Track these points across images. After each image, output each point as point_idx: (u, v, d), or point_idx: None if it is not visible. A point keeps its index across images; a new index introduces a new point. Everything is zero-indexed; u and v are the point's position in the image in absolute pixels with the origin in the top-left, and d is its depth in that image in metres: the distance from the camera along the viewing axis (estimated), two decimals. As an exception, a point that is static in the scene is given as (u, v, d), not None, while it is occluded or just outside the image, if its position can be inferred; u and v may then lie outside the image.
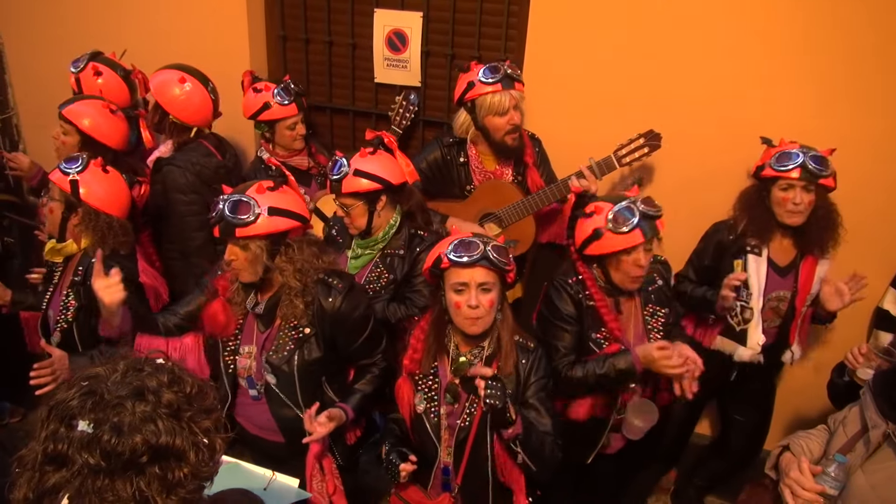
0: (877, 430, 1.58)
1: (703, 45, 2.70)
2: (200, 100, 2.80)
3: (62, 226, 2.28)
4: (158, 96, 2.77)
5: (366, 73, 3.35)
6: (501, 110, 2.58)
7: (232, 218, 1.92)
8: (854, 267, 2.70)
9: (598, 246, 2.09)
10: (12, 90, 3.95)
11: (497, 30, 3.07)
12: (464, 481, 2.02)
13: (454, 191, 2.82)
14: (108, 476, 0.97)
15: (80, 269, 2.29)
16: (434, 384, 2.00)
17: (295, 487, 2.01)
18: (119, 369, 1.06)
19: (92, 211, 2.24)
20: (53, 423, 0.99)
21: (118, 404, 1.00)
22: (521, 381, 1.98)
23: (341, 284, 2.04)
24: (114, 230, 2.27)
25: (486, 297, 1.86)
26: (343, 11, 3.27)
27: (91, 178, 2.25)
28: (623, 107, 2.85)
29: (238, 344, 2.13)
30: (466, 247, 1.85)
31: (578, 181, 2.58)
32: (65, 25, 3.61)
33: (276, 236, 1.98)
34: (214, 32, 3.36)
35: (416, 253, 2.39)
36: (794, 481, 1.55)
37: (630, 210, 2.05)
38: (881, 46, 2.50)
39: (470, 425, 1.96)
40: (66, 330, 2.30)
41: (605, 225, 2.06)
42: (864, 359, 2.01)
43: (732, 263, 2.45)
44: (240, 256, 1.97)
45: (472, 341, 1.97)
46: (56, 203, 2.26)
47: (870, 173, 2.66)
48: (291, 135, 2.90)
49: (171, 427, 1.01)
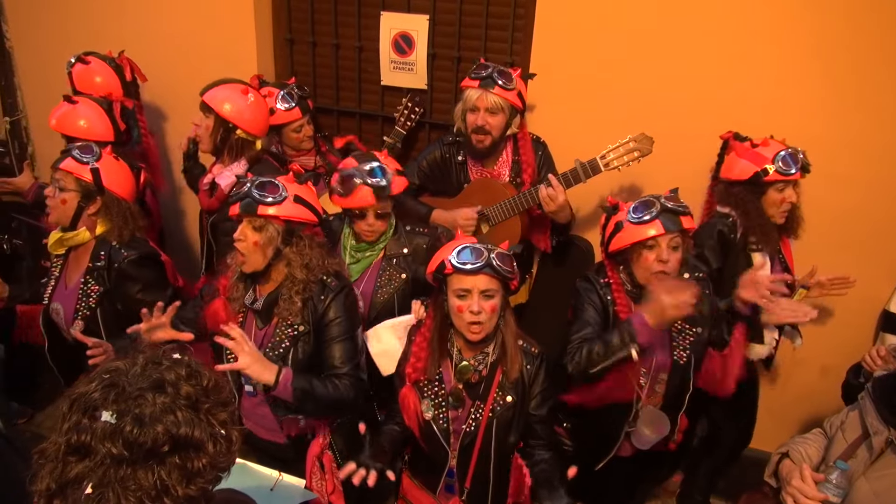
0: (879, 436, 1.58)
1: (710, 48, 2.70)
2: (265, 109, 2.70)
3: (76, 215, 2.28)
4: (226, 111, 2.55)
5: (372, 76, 3.36)
6: (470, 106, 2.62)
7: (259, 195, 1.96)
8: (861, 270, 2.70)
9: (619, 238, 2.09)
10: (21, 93, 3.97)
11: (503, 32, 3.08)
12: (472, 486, 2.03)
13: (452, 189, 2.85)
14: (131, 465, 0.99)
15: (101, 254, 2.31)
16: (441, 390, 2.00)
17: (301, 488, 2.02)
18: (139, 363, 1.09)
19: (115, 198, 2.29)
20: (76, 414, 1.02)
21: (139, 396, 1.02)
22: (527, 386, 1.99)
23: (335, 283, 2.07)
24: (133, 216, 2.34)
25: (489, 304, 1.86)
26: (350, 14, 3.28)
27: (109, 167, 2.29)
28: (630, 109, 2.85)
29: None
30: (470, 253, 1.85)
31: (546, 190, 2.52)
32: (72, 29, 3.63)
33: (293, 224, 2.02)
34: (222, 36, 3.37)
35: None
36: (796, 490, 1.55)
37: (649, 202, 2.05)
38: (890, 50, 2.49)
39: (476, 430, 1.96)
40: (90, 317, 2.32)
41: (625, 218, 2.08)
42: (882, 361, 2.00)
43: (741, 258, 2.44)
44: (250, 238, 1.99)
45: (475, 346, 1.97)
46: (71, 193, 2.26)
47: (877, 178, 2.65)
48: (298, 137, 2.93)
49: (190, 418, 1.04)
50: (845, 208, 2.71)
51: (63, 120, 2.68)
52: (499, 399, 1.97)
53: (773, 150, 2.37)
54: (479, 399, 1.97)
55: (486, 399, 1.96)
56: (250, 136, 2.63)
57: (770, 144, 2.39)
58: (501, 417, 1.96)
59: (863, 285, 2.79)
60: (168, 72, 3.46)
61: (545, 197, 2.52)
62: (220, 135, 2.59)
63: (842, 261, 2.77)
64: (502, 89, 2.58)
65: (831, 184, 2.66)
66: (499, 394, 1.97)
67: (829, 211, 2.69)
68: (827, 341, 2.96)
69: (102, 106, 2.74)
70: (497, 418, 1.96)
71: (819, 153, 2.53)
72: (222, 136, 2.59)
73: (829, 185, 2.65)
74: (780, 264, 2.55)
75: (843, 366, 2.20)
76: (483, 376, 1.97)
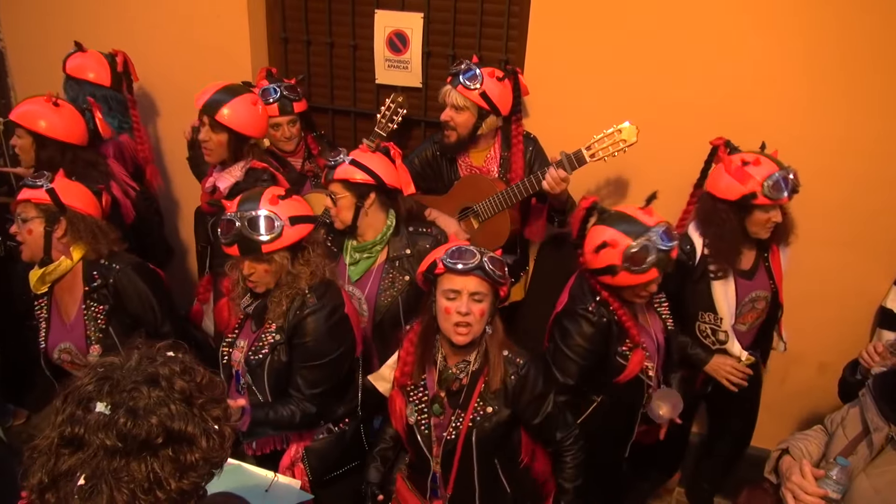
0: (879, 433, 1.57)
1: (702, 45, 2.69)
2: (266, 115, 2.66)
3: (47, 243, 2.19)
4: (243, 127, 2.49)
5: (367, 75, 3.35)
6: (441, 101, 2.68)
7: (259, 235, 1.91)
8: (857, 266, 2.70)
9: (611, 280, 2.02)
10: (15, 93, 3.95)
11: (498, 30, 3.07)
12: (454, 490, 2.03)
13: (443, 186, 2.85)
14: (124, 457, 0.99)
15: (94, 274, 2.24)
16: (424, 396, 2.00)
17: (297, 489, 2.02)
18: (133, 358, 1.10)
19: (77, 215, 2.21)
20: (70, 406, 1.02)
21: (133, 389, 1.03)
22: (510, 396, 1.94)
23: (313, 300, 2.01)
24: (102, 230, 2.27)
25: (478, 307, 1.85)
26: (344, 13, 3.27)
27: (64, 186, 2.21)
28: (624, 107, 2.83)
29: (236, 337, 2.17)
30: (462, 254, 1.84)
31: (557, 171, 2.50)
32: (66, 28, 3.60)
33: (296, 243, 1.99)
34: (216, 35, 3.35)
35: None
36: (796, 486, 1.54)
37: (647, 248, 1.94)
38: (879, 47, 2.48)
39: (457, 438, 1.95)
40: (103, 338, 2.25)
41: (620, 263, 1.96)
42: (879, 357, 1.99)
43: (699, 287, 2.41)
44: (259, 270, 1.98)
45: (459, 352, 1.95)
46: (34, 221, 2.18)
47: (869, 173, 2.64)
48: (276, 135, 2.93)
49: (183, 412, 1.05)
50: (834, 204, 2.70)
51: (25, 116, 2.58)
52: (479, 409, 1.94)
53: (764, 171, 2.24)
54: (460, 408, 1.95)
55: (467, 408, 1.94)
56: (259, 142, 2.65)
57: (761, 163, 2.25)
58: (481, 428, 1.94)
59: (859, 281, 2.79)
60: (163, 70, 3.45)
61: (555, 178, 2.50)
62: (235, 146, 2.53)
63: (836, 257, 2.77)
64: (464, 88, 2.59)
65: (819, 179, 2.64)
66: (479, 403, 1.94)
67: (818, 207, 2.66)
68: (823, 338, 2.95)
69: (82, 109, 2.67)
70: (477, 428, 1.94)
71: (807, 148, 2.53)
72: (235, 146, 2.53)
73: (817, 180, 2.62)
74: (766, 272, 2.49)
75: (840, 362, 2.19)
76: (464, 385, 1.95)
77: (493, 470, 2.04)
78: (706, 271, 2.40)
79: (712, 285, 2.40)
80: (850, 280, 2.81)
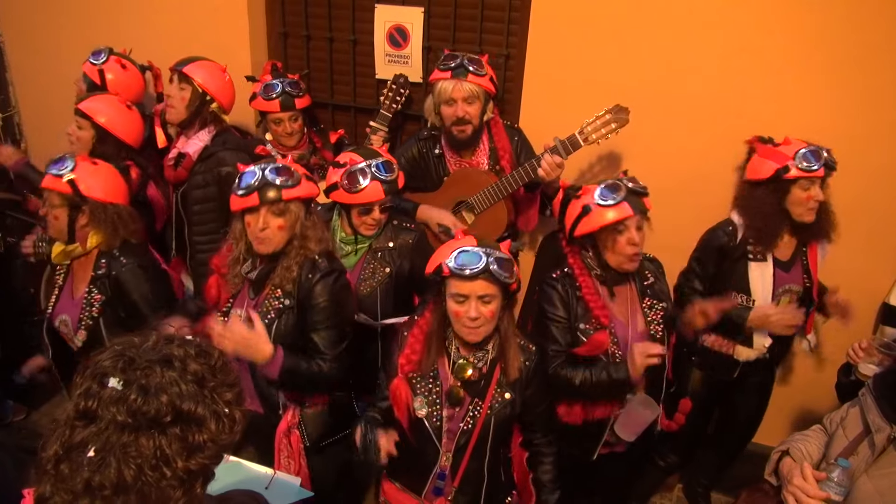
0: (881, 433, 1.55)
1: (709, 42, 2.67)
2: (234, 89, 2.85)
3: (70, 229, 2.26)
4: (209, 84, 2.71)
5: (367, 70, 3.33)
6: (446, 98, 2.60)
7: (281, 180, 1.98)
8: (862, 262, 2.68)
9: (588, 222, 2.08)
10: (13, 88, 3.95)
11: (499, 24, 3.04)
12: (461, 485, 2.01)
13: (433, 183, 2.84)
14: (133, 432, 1.02)
15: (102, 262, 2.28)
16: (436, 387, 1.96)
17: (296, 486, 2.01)
18: (151, 339, 1.13)
19: (99, 205, 2.24)
20: (87, 381, 1.06)
21: (147, 367, 1.06)
22: (524, 382, 1.97)
23: (324, 264, 2.07)
24: (123, 219, 2.29)
25: (487, 309, 1.82)
26: (344, 7, 3.25)
27: (86, 174, 2.23)
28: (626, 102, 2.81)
29: (230, 307, 2.18)
30: (468, 258, 1.80)
31: (552, 157, 2.51)
32: (65, 23, 3.60)
33: (308, 201, 2.07)
34: (215, 29, 3.34)
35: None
36: (798, 488, 1.52)
37: (617, 185, 2.07)
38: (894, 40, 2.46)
39: (472, 428, 1.93)
40: (92, 326, 2.30)
41: (593, 201, 2.07)
42: (864, 353, 2.00)
43: (737, 267, 2.43)
44: (273, 224, 2.01)
45: (473, 345, 1.94)
46: (59, 209, 2.23)
47: (879, 169, 2.63)
48: (277, 130, 2.94)
49: (194, 393, 1.07)
50: (847, 201, 2.68)
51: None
52: (497, 396, 1.94)
53: (795, 147, 2.30)
54: (478, 396, 1.94)
55: (485, 396, 1.94)
56: (222, 111, 2.77)
57: (792, 143, 2.33)
58: (499, 414, 1.94)
59: (862, 278, 2.78)
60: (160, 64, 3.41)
61: (550, 164, 2.51)
62: (196, 107, 2.71)
63: (842, 254, 2.74)
64: (475, 76, 2.56)
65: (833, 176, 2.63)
66: (497, 391, 1.94)
67: (832, 203, 2.65)
68: (826, 334, 2.93)
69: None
70: (495, 415, 1.94)
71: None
72: (197, 107, 2.71)
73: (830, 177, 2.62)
74: (802, 267, 2.49)
75: (842, 359, 2.19)
76: (483, 373, 1.95)
77: (499, 459, 2.05)
78: (745, 252, 2.42)
79: (749, 266, 2.43)
80: (853, 277, 2.79)
